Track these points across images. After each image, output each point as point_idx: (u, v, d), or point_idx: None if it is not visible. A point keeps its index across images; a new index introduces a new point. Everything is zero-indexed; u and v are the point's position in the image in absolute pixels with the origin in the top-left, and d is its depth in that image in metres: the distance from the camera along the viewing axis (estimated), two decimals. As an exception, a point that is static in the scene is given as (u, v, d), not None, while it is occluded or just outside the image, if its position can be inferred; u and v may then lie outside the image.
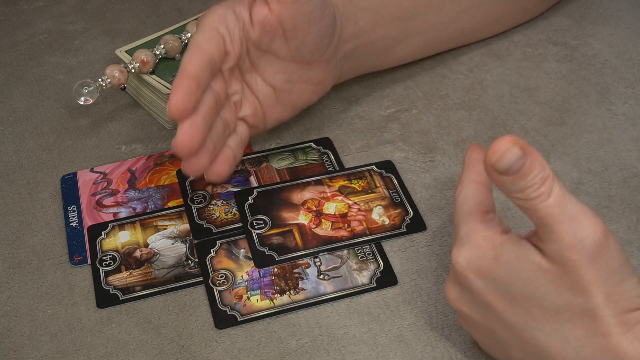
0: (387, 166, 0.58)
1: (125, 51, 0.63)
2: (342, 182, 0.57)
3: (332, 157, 0.59)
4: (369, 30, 0.58)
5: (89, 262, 0.52)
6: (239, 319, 0.48)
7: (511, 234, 0.40)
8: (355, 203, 0.55)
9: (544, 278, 0.38)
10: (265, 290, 0.50)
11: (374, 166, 0.58)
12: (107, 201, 0.56)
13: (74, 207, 0.56)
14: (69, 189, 0.57)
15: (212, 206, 0.55)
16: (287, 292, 0.50)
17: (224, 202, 0.56)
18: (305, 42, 0.52)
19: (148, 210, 0.56)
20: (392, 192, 0.56)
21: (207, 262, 0.52)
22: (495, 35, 0.69)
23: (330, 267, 0.51)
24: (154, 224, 0.54)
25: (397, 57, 0.63)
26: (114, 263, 0.52)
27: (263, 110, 0.55)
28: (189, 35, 0.63)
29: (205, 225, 0.54)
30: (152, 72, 0.61)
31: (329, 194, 0.56)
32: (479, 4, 0.64)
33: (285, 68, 0.54)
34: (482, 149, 0.45)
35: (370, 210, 0.55)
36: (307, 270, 0.51)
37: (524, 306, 0.39)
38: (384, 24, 0.58)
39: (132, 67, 0.61)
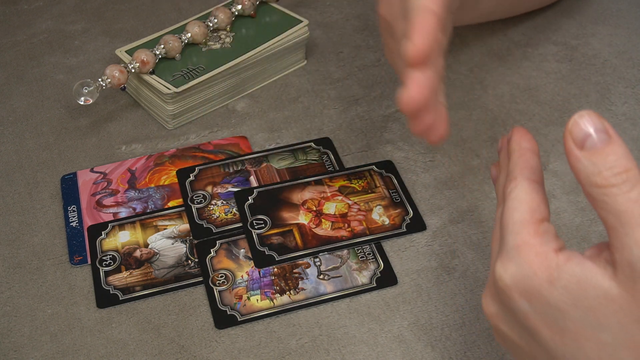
0: (387, 166, 0.58)
1: (125, 51, 0.63)
2: (342, 182, 0.57)
3: (332, 157, 0.59)
4: None
5: (89, 262, 0.52)
6: (239, 319, 0.48)
7: (571, 254, 0.35)
8: (355, 203, 0.55)
9: (609, 307, 0.33)
10: (265, 290, 0.50)
11: (374, 166, 0.58)
12: (107, 201, 0.56)
13: (74, 207, 0.56)
14: (69, 189, 0.57)
15: (212, 206, 0.55)
16: (287, 292, 0.50)
17: (224, 202, 0.56)
18: None
19: (148, 210, 0.56)
20: (392, 192, 0.56)
21: (207, 262, 0.52)
22: (496, 36, 0.69)
23: (330, 267, 0.51)
24: (154, 224, 0.54)
25: (481, 9, 0.60)
26: (114, 263, 0.52)
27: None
28: (189, 35, 0.63)
29: (205, 225, 0.54)
30: (152, 72, 0.61)
31: (329, 194, 0.56)
32: None
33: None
34: (530, 135, 0.40)
35: (370, 210, 0.55)
36: (307, 270, 0.51)
37: (577, 338, 0.34)
38: None
39: (132, 67, 0.61)
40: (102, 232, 0.54)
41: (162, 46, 0.62)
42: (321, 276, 0.51)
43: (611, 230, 0.32)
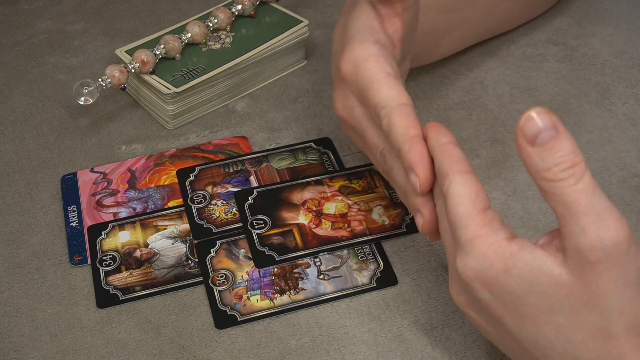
0: (387, 166, 0.58)
1: (125, 51, 0.63)
2: (342, 182, 0.57)
3: (332, 157, 0.59)
4: (422, 21, 0.55)
5: (89, 262, 0.52)
6: (239, 319, 0.48)
7: (521, 242, 0.37)
8: (355, 203, 0.55)
9: (559, 292, 0.35)
10: (265, 290, 0.50)
11: (374, 166, 0.58)
12: (107, 201, 0.56)
13: (74, 207, 0.56)
14: (69, 189, 0.57)
15: (212, 206, 0.55)
16: (287, 292, 0.50)
17: (224, 202, 0.56)
18: (413, 38, 0.51)
19: (148, 210, 0.56)
20: (392, 192, 0.56)
21: (207, 262, 0.52)
22: (496, 35, 0.69)
23: (330, 267, 0.51)
24: (154, 224, 0.54)
25: (441, 52, 0.63)
26: (114, 263, 0.52)
27: None
28: (189, 35, 0.63)
29: (205, 225, 0.54)
30: (152, 72, 0.61)
31: (329, 194, 0.56)
32: (504, 1, 0.64)
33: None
34: (445, 129, 0.42)
35: (370, 210, 0.55)
36: (307, 270, 0.51)
37: (536, 322, 0.37)
38: (431, 15, 0.57)
39: (132, 67, 0.61)
40: (102, 232, 0.54)
41: (162, 46, 0.62)
42: (321, 276, 0.51)
43: (561, 219, 0.35)
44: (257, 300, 0.49)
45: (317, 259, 0.52)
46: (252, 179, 0.57)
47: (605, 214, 0.34)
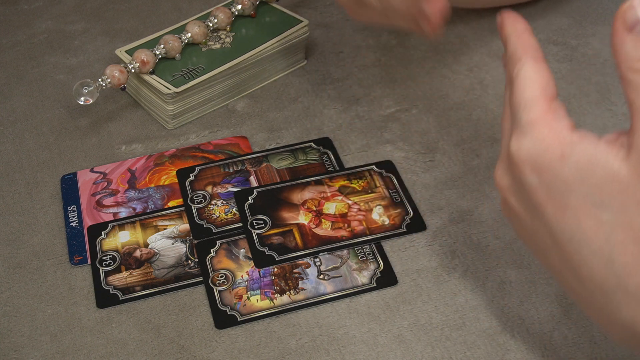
0: (387, 166, 0.58)
1: (125, 51, 0.63)
2: (342, 182, 0.57)
3: (332, 157, 0.59)
4: None
5: (89, 262, 0.52)
6: (239, 319, 0.48)
7: (585, 133, 0.36)
8: (355, 203, 0.55)
9: (615, 186, 0.34)
10: (265, 290, 0.50)
11: (374, 166, 0.58)
12: (107, 201, 0.56)
13: (74, 207, 0.56)
14: (69, 189, 0.57)
15: (212, 206, 0.55)
16: (287, 292, 0.50)
17: (224, 202, 0.56)
18: None
19: (148, 210, 0.56)
20: (392, 192, 0.56)
21: (207, 262, 0.52)
22: (496, 36, 0.69)
23: (330, 267, 0.51)
24: (154, 224, 0.54)
25: None
26: (114, 263, 0.52)
27: None
28: (189, 35, 0.63)
29: (205, 225, 0.54)
30: (152, 72, 0.61)
31: (329, 194, 0.56)
32: None
33: None
34: (521, 17, 0.41)
35: (370, 210, 0.55)
36: (307, 270, 0.51)
37: (578, 215, 0.35)
38: None
39: (132, 67, 0.61)
40: (102, 232, 0.54)
41: (162, 46, 0.62)
42: (321, 276, 0.51)
43: (636, 113, 0.33)
44: (257, 300, 0.49)
45: (317, 259, 0.52)
46: (252, 179, 0.57)
47: None
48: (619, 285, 0.35)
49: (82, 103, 0.60)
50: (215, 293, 0.50)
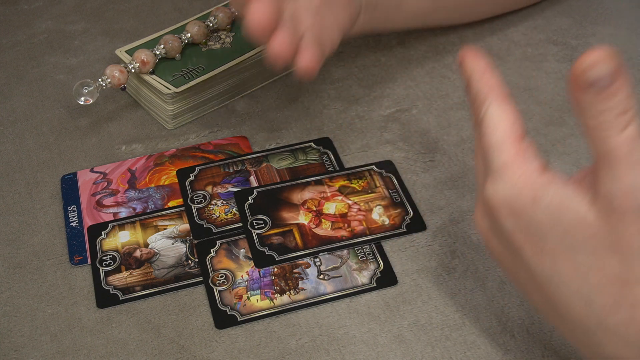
0: (387, 166, 0.58)
1: (125, 51, 0.63)
2: (342, 182, 0.57)
3: (332, 157, 0.59)
4: None
5: (89, 262, 0.52)
6: (239, 319, 0.48)
7: (554, 175, 0.36)
8: (355, 203, 0.55)
9: (584, 231, 0.35)
10: (265, 290, 0.50)
11: (374, 166, 0.58)
12: (107, 201, 0.56)
13: (74, 207, 0.56)
14: (69, 189, 0.57)
15: (212, 206, 0.55)
16: (287, 292, 0.50)
17: (224, 202, 0.56)
18: None
19: (148, 210, 0.56)
20: (392, 192, 0.56)
21: (207, 262, 0.52)
22: (496, 36, 0.69)
23: (330, 267, 0.51)
24: (154, 224, 0.54)
25: (409, 9, 0.61)
26: (114, 263, 0.52)
27: (318, 31, 0.52)
28: (189, 35, 0.63)
29: (205, 225, 0.54)
30: (152, 72, 0.61)
31: (329, 194, 0.56)
32: None
33: None
34: (482, 55, 0.41)
35: (370, 210, 0.55)
36: (307, 270, 0.51)
37: (555, 258, 0.36)
38: None
39: (132, 67, 0.61)
40: (102, 232, 0.54)
41: (162, 46, 0.62)
42: (321, 276, 0.51)
43: (599, 162, 0.34)
44: (257, 300, 0.49)
45: (317, 259, 0.52)
46: (252, 179, 0.57)
47: None
48: (599, 324, 0.36)
49: (82, 103, 0.60)
50: (215, 293, 0.50)
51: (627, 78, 0.32)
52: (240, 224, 0.54)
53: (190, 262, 0.52)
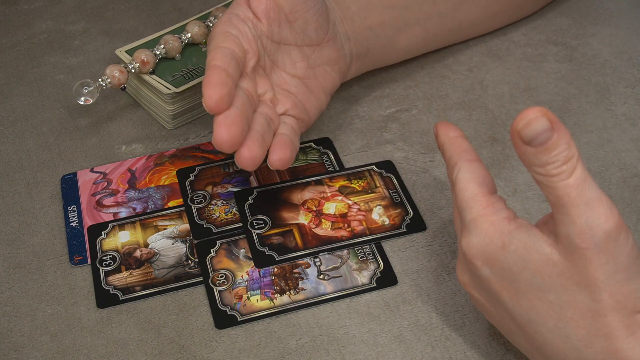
0: (387, 166, 0.58)
1: (125, 51, 0.63)
2: (342, 182, 0.57)
3: (332, 157, 0.59)
4: (363, 16, 0.59)
5: (89, 262, 0.52)
6: (239, 319, 0.48)
7: (520, 222, 0.39)
8: (355, 203, 0.55)
9: (551, 270, 0.37)
10: (265, 290, 0.50)
11: (374, 166, 0.58)
12: (107, 201, 0.56)
13: (74, 207, 0.56)
14: (69, 189, 0.57)
15: (212, 206, 0.55)
16: (287, 292, 0.50)
17: (224, 202, 0.56)
18: (307, 20, 0.53)
19: (148, 210, 0.56)
20: (392, 192, 0.56)
21: (207, 262, 0.52)
22: (496, 36, 0.69)
23: (330, 267, 0.51)
24: (154, 224, 0.54)
25: (401, 47, 0.63)
26: (114, 263, 0.52)
27: (301, 101, 0.55)
28: (189, 35, 0.63)
29: (205, 225, 0.54)
30: (152, 72, 0.61)
31: (329, 194, 0.56)
32: None
33: (301, 55, 0.55)
34: (453, 126, 0.45)
35: (370, 210, 0.55)
36: (307, 270, 0.51)
37: (530, 299, 0.39)
38: (377, 11, 0.59)
39: (132, 67, 0.61)
40: (102, 232, 0.54)
41: (162, 46, 0.62)
42: (321, 276, 0.51)
43: (553, 207, 0.37)
44: (257, 300, 0.49)
45: (317, 259, 0.52)
46: (252, 179, 0.57)
47: (595, 204, 0.35)
48: (580, 357, 0.38)
49: (82, 103, 0.60)
50: (215, 293, 0.50)
51: (563, 130, 0.35)
52: (240, 224, 0.54)
53: (190, 262, 0.52)
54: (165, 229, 0.54)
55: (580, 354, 0.38)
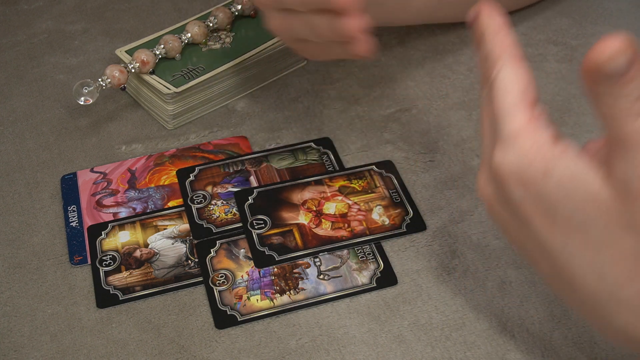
0: (387, 166, 0.58)
1: (125, 51, 0.63)
2: (342, 182, 0.57)
3: (332, 157, 0.59)
4: None
5: (89, 262, 0.52)
6: (239, 319, 0.48)
7: (567, 146, 0.35)
8: (355, 203, 0.55)
9: (598, 208, 0.34)
10: (265, 290, 0.50)
11: (374, 166, 0.58)
12: (107, 201, 0.56)
13: (74, 207, 0.56)
14: (69, 189, 0.57)
15: (212, 206, 0.55)
16: (287, 292, 0.50)
17: (224, 202, 0.56)
18: None
19: (148, 210, 0.56)
20: (392, 192, 0.56)
21: (207, 262, 0.52)
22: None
23: (330, 267, 0.51)
24: (154, 224, 0.55)
25: (415, 8, 0.61)
26: (114, 263, 0.52)
27: None
28: (189, 35, 0.63)
29: (205, 225, 0.54)
30: (152, 72, 0.61)
31: (329, 194, 0.56)
32: None
33: None
34: (498, 12, 0.39)
35: (370, 210, 0.55)
36: (307, 270, 0.51)
37: (566, 231, 0.35)
38: None
39: (132, 67, 0.61)
40: (102, 232, 0.54)
41: (162, 46, 0.62)
42: (321, 276, 0.51)
43: (614, 145, 0.33)
44: (257, 300, 0.49)
45: (317, 259, 0.52)
46: (252, 179, 0.57)
47: None
48: (610, 296, 0.35)
49: (82, 103, 0.60)
50: (215, 293, 0.50)
51: None
52: (240, 224, 0.54)
53: (190, 262, 0.52)
54: (165, 229, 0.54)
55: (612, 294, 0.35)
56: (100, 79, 0.60)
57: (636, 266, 0.34)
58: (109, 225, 0.54)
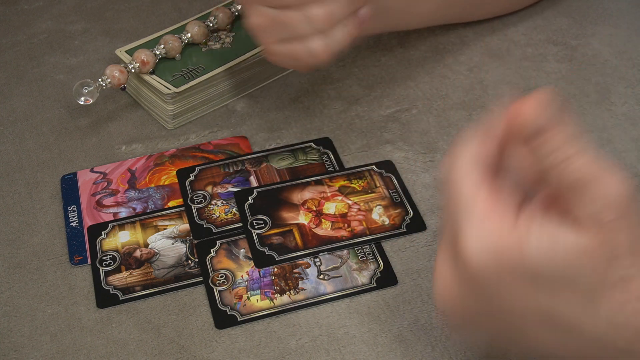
0: (387, 166, 0.58)
1: (125, 51, 0.63)
2: (342, 182, 0.57)
3: (332, 157, 0.59)
4: None
5: (89, 262, 0.52)
6: (239, 319, 0.48)
7: (532, 217, 0.35)
8: (355, 203, 0.55)
9: (582, 258, 0.34)
10: (265, 290, 0.50)
11: (374, 166, 0.58)
12: (107, 201, 0.56)
13: (74, 207, 0.56)
14: (69, 189, 0.57)
15: (212, 206, 0.55)
16: (287, 292, 0.50)
17: (224, 202, 0.56)
18: None
19: (148, 210, 0.56)
20: (392, 192, 0.56)
21: (207, 262, 0.52)
22: (496, 36, 0.69)
23: (330, 267, 0.51)
24: (154, 224, 0.54)
25: (421, 11, 0.62)
26: (114, 263, 0.52)
27: None
28: (189, 35, 0.63)
29: (205, 225, 0.54)
30: (152, 72, 0.61)
31: (329, 194, 0.56)
32: None
33: None
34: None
35: (370, 210, 0.55)
36: (307, 270, 0.51)
37: (552, 292, 0.35)
38: None
39: (132, 67, 0.61)
40: (102, 232, 0.54)
41: (162, 46, 0.62)
42: (321, 276, 0.51)
43: (567, 191, 0.34)
44: (257, 300, 0.49)
45: (317, 259, 0.52)
46: (252, 179, 0.57)
47: (608, 174, 0.34)
48: (609, 325, 0.35)
49: (82, 103, 0.60)
50: (215, 293, 0.50)
51: (560, 114, 0.34)
52: (240, 224, 0.54)
53: (190, 262, 0.52)
54: (165, 229, 0.54)
55: (610, 321, 0.35)
56: (100, 79, 0.60)
57: (626, 287, 0.34)
58: (109, 225, 0.54)
